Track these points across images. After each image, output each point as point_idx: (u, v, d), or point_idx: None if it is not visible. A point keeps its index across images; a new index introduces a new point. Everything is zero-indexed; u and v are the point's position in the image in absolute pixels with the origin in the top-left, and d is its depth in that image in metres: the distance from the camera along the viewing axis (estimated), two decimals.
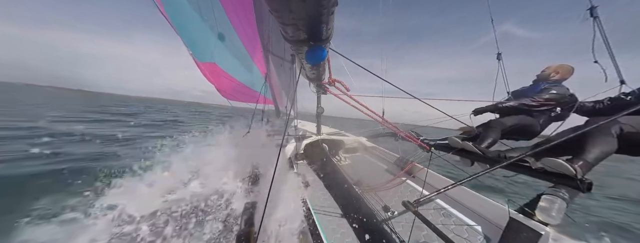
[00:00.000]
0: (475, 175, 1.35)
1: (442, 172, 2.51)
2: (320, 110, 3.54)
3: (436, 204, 2.07)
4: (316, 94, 3.39)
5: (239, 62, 4.90)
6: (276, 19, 1.02)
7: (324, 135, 3.69)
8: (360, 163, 3.48)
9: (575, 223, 1.57)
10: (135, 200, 2.58)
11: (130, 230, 2.18)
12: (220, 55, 4.30)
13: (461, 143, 1.92)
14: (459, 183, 1.37)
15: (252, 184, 3.02)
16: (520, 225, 1.43)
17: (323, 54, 1.36)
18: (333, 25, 1.19)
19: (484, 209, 1.83)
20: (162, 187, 2.95)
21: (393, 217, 1.97)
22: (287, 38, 1.24)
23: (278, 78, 5.55)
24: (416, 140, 2.15)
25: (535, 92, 2.06)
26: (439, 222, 1.85)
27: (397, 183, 2.53)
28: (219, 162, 3.54)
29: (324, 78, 2.04)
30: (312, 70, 1.83)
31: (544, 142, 1.64)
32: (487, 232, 1.68)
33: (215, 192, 2.87)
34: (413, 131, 2.46)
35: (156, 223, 2.29)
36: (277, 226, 1.90)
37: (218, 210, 2.57)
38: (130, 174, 3.27)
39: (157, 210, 2.46)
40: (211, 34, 3.82)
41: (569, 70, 2.07)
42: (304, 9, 0.90)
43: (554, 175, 1.31)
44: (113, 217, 2.35)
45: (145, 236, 2.13)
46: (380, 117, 2.26)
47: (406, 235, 1.70)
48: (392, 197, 2.33)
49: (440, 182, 2.30)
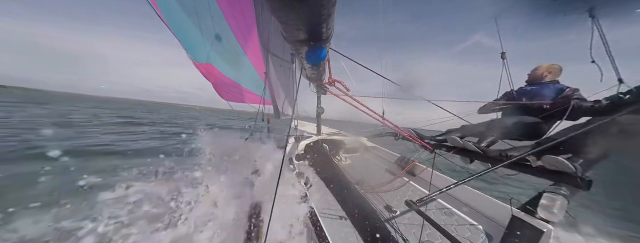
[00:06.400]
0: (477, 175, 1.35)
1: (443, 171, 2.52)
2: (320, 110, 3.54)
3: (438, 203, 2.07)
4: (316, 94, 3.39)
5: (237, 62, 4.89)
6: (276, 19, 1.02)
7: (324, 135, 3.69)
8: (361, 163, 3.48)
9: (576, 220, 1.57)
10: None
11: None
12: (217, 56, 4.28)
13: (462, 142, 1.92)
14: (461, 183, 1.38)
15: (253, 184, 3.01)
16: (522, 222, 1.43)
17: (323, 53, 1.36)
18: (333, 25, 1.19)
19: (486, 208, 1.83)
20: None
21: (396, 216, 1.97)
22: (287, 38, 1.23)
23: (277, 78, 5.54)
24: (419, 141, 2.15)
25: (555, 93, 2.02)
26: (441, 220, 1.86)
27: (399, 182, 2.53)
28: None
29: (324, 78, 2.04)
30: (312, 71, 1.83)
31: (545, 141, 1.65)
32: (489, 230, 1.68)
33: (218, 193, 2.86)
34: (414, 131, 2.46)
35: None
36: (280, 226, 1.90)
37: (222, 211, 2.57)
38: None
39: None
40: (208, 34, 3.81)
41: (559, 70, 2.14)
42: (304, 9, 0.90)
43: (554, 173, 1.32)
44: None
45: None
46: (380, 116, 2.27)
47: (408, 234, 1.71)
48: (393, 197, 2.33)
49: (442, 182, 2.30)
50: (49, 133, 6.80)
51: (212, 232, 2.20)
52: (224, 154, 3.58)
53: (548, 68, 2.15)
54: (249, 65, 5.18)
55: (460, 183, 1.37)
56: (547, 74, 2.14)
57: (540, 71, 2.18)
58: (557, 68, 2.14)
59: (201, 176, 3.06)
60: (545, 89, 2.10)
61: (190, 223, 2.27)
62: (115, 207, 2.50)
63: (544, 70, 2.16)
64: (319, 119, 3.70)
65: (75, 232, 2.07)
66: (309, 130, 4.22)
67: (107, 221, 2.22)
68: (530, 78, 2.27)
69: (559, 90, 2.01)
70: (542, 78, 2.17)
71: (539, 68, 2.20)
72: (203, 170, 3.21)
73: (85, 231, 2.09)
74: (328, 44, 1.38)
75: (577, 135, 1.40)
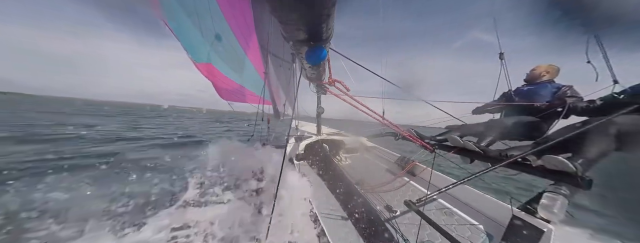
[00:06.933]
0: (477, 174, 1.35)
1: (443, 171, 2.52)
2: (320, 110, 3.54)
3: (438, 203, 2.08)
4: (316, 94, 3.39)
5: (237, 62, 4.89)
6: (276, 19, 1.02)
7: (324, 136, 3.69)
8: (361, 163, 3.48)
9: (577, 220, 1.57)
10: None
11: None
12: (217, 56, 4.29)
13: (462, 142, 1.92)
14: (460, 182, 1.38)
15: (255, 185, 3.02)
16: (522, 222, 1.43)
17: (323, 53, 1.36)
18: (333, 25, 1.20)
19: (486, 207, 1.83)
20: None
21: (396, 216, 1.97)
22: (287, 38, 1.24)
23: (277, 78, 5.55)
24: (419, 141, 2.16)
25: (551, 93, 2.06)
26: (441, 220, 1.86)
27: (399, 182, 2.53)
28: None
29: (324, 78, 2.04)
30: (312, 70, 1.84)
31: (544, 140, 1.65)
32: (489, 230, 1.68)
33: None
34: (414, 130, 2.47)
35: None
36: (281, 225, 1.90)
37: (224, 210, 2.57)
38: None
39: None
40: (208, 34, 3.82)
41: (557, 70, 2.19)
42: (304, 9, 0.90)
43: (554, 173, 1.32)
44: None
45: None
46: (380, 116, 2.27)
47: (409, 234, 1.71)
48: (394, 197, 2.33)
49: (442, 181, 2.30)
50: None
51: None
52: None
53: (547, 68, 2.21)
54: (249, 66, 5.19)
55: (459, 183, 1.37)
56: (545, 73, 2.20)
57: (539, 71, 2.23)
58: (555, 68, 2.20)
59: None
60: (542, 88, 2.15)
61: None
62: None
63: (542, 70, 2.22)
64: (319, 119, 3.70)
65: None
66: (309, 130, 4.22)
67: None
68: (529, 78, 2.32)
69: (555, 88, 2.07)
70: (539, 78, 2.22)
71: (538, 68, 2.26)
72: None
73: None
74: (328, 44, 1.38)
75: (577, 135, 1.41)
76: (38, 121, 10.37)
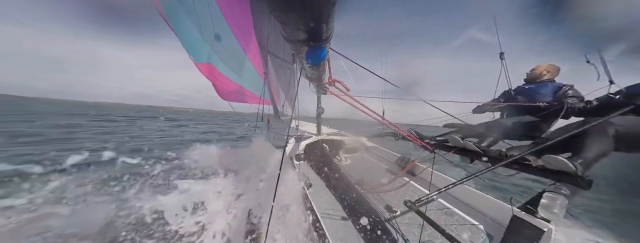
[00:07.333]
0: (477, 174, 1.35)
1: (443, 170, 2.52)
2: (320, 110, 3.54)
3: (439, 203, 2.07)
4: (316, 94, 3.39)
5: (236, 62, 4.88)
6: (276, 19, 1.02)
7: (324, 136, 3.69)
8: (361, 163, 3.48)
9: (577, 219, 1.57)
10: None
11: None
12: (217, 56, 4.28)
13: (462, 142, 1.92)
14: (460, 182, 1.38)
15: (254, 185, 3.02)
16: (523, 222, 1.43)
17: (323, 53, 1.36)
18: (333, 26, 1.20)
19: (487, 207, 1.83)
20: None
21: (396, 216, 1.97)
22: (287, 38, 1.24)
23: (277, 78, 5.54)
24: (419, 141, 2.16)
25: (552, 92, 2.07)
26: (441, 220, 1.85)
27: (399, 182, 2.53)
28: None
29: (324, 78, 2.04)
30: (312, 70, 1.84)
31: (544, 140, 1.65)
32: (489, 230, 1.68)
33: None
34: (414, 131, 2.47)
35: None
36: (282, 226, 1.90)
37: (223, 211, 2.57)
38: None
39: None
40: (208, 34, 3.81)
41: (557, 70, 2.19)
42: (303, 9, 0.90)
43: (554, 172, 1.32)
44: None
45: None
46: (380, 116, 2.27)
47: (409, 234, 1.71)
48: (394, 197, 2.32)
49: (442, 181, 2.30)
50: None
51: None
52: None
53: (547, 68, 2.22)
54: (249, 66, 5.18)
55: (459, 183, 1.37)
56: (545, 73, 2.21)
57: (539, 70, 2.24)
58: (556, 68, 2.21)
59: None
60: (543, 87, 2.15)
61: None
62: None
63: (542, 70, 2.23)
64: (319, 119, 3.69)
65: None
66: (309, 130, 4.22)
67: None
68: (529, 77, 2.33)
69: (555, 88, 2.07)
70: (540, 77, 2.23)
71: (538, 68, 2.26)
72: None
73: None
74: (328, 44, 1.38)
75: (576, 135, 1.41)
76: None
